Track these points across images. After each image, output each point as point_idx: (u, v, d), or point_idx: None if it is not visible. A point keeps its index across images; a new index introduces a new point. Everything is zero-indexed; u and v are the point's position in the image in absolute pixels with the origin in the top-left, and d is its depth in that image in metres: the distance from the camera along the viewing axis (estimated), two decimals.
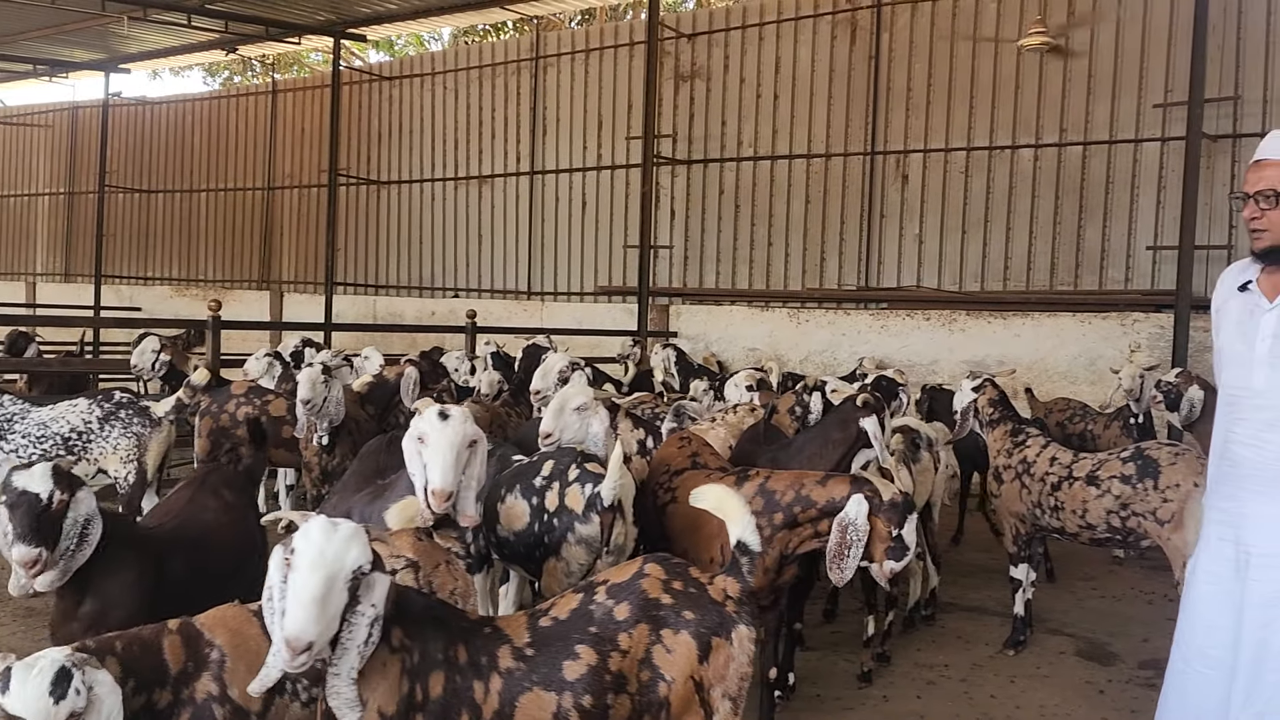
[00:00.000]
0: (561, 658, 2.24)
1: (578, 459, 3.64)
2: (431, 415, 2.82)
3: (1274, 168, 2.59)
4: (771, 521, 3.60)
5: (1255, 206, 2.58)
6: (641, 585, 2.37)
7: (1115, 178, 10.37)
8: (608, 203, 13.76)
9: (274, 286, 17.44)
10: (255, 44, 16.47)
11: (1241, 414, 2.70)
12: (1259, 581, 2.61)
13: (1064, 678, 4.80)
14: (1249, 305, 2.69)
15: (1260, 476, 2.64)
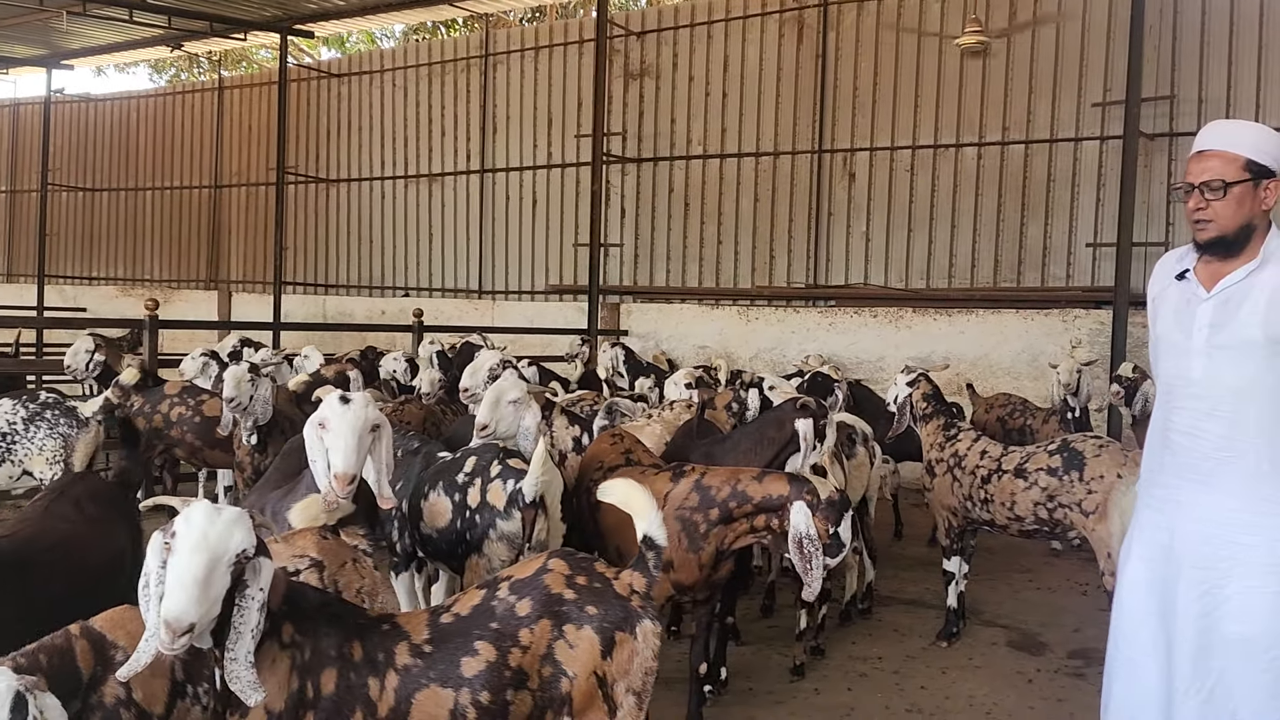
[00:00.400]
0: (460, 654, 2.22)
1: (500, 455, 3.61)
2: (333, 401, 2.80)
3: (1217, 158, 2.56)
4: (708, 517, 3.62)
5: (1200, 197, 2.55)
6: (544, 581, 2.35)
7: (1056, 176, 10.52)
8: (558, 201, 13.72)
9: (222, 286, 17.20)
10: (201, 40, 16.18)
11: (1179, 403, 2.67)
12: (1196, 569, 2.60)
13: (994, 668, 4.86)
14: (1186, 294, 2.67)
15: (1198, 465, 2.61)
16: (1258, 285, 2.55)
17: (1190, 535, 2.62)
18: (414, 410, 5.70)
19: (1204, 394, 2.61)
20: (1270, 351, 2.51)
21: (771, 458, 4.25)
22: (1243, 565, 2.54)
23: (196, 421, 6.07)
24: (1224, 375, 2.57)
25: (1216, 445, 2.58)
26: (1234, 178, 2.54)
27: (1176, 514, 2.66)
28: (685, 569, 3.65)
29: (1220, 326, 2.58)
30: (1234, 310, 2.57)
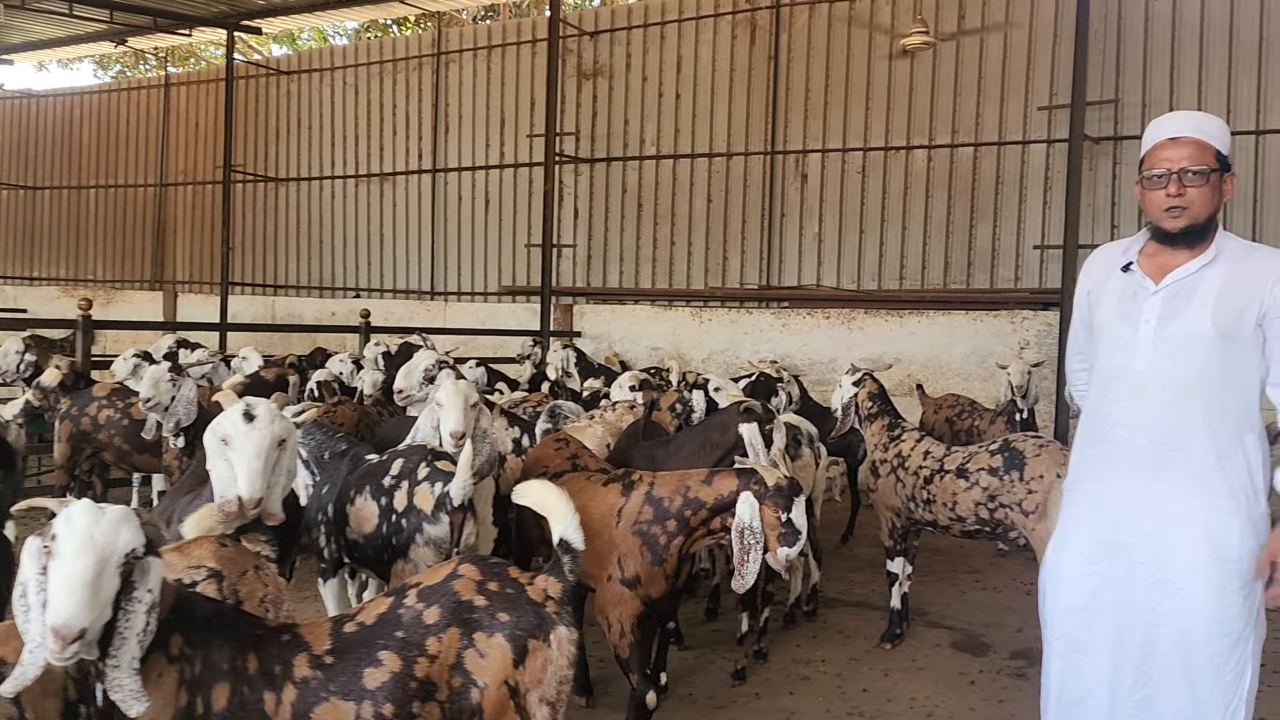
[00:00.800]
0: (363, 665, 2.11)
1: (428, 456, 3.51)
2: (236, 416, 2.66)
3: (1193, 145, 2.52)
4: (666, 529, 3.52)
5: (1179, 184, 2.50)
6: (454, 587, 2.26)
7: (1004, 178, 10.60)
8: (510, 201, 13.59)
9: (167, 287, 16.84)
10: (146, 35, 15.86)
11: (1121, 395, 2.64)
12: (1142, 564, 2.57)
13: (937, 669, 4.83)
14: (1133, 287, 2.64)
15: (1140, 458, 2.58)
16: (1208, 279, 2.53)
17: (1137, 529, 2.59)
18: (347, 412, 5.56)
19: (1149, 386, 2.58)
20: (1218, 346, 2.50)
21: (716, 462, 4.18)
22: (1187, 561, 2.52)
23: (125, 424, 5.88)
24: (1171, 368, 2.55)
25: (1161, 438, 2.56)
26: (1211, 166, 2.54)
27: (1121, 508, 2.62)
28: (653, 583, 3.56)
29: (1169, 320, 2.55)
30: (1183, 304, 2.54)
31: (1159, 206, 2.55)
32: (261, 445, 2.63)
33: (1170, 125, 2.61)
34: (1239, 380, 2.54)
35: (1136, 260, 2.66)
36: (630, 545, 3.54)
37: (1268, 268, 2.51)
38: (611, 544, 3.57)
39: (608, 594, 3.58)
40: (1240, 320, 2.49)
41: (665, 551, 3.52)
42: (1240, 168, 9.65)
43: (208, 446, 2.73)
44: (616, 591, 3.55)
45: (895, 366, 10.28)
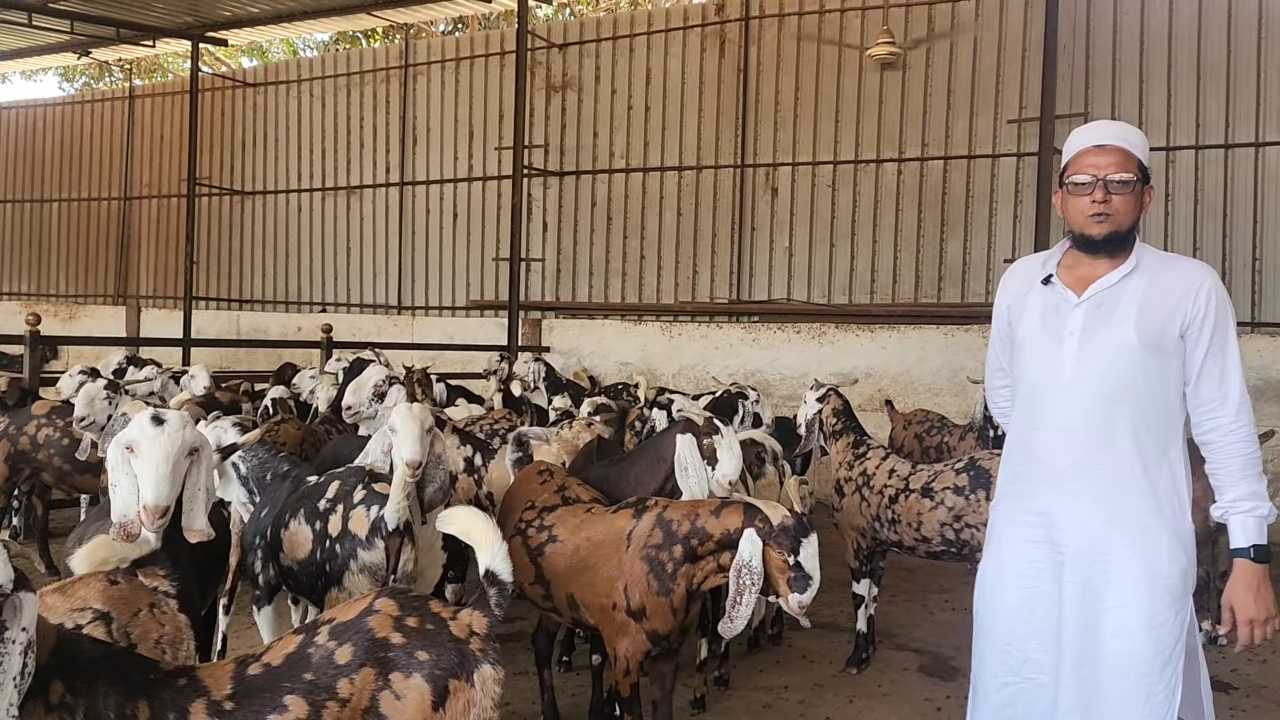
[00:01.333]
0: (266, 712, 1.94)
1: (365, 479, 3.34)
2: (143, 421, 2.49)
3: (1119, 153, 2.51)
4: (673, 555, 3.28)
5: (1103, 191, 2.48)
6: (369, 624, 2.09)
7: (975, 192, 10.55)
8: (479, 215, 13.43)
9: (131, 302, 16.54)
10: (109, 47, 15.64)
11: (1047, 409, 2.59)
12: (1073, 583, 2.51)
13: (904, 695, 4.69)
14: (1055, 299, 2.60)
15: (1068, 473, 2.54)
16: (1129, 290, 2.52)
17: (1068, 547, 2.53)
18: (291, 430, 5.37)
19: (1075, 399, 2.54)
20: (1143, 357, 2.48)
21: (663, 479, 4.01)
22: (1118, 578, 2.47)
23: (65, 444, 5.66)
24: (1097, 380, 2.51)
25: (1088, 452, 2.51)
26: (1135, 175, 2.52)
27: (1052, 526, 2.56)
28: (659, 616, 3.30)
29: (1093, 331, 2.52)
30: (1107, 314, 2.52)
31: (1083, 213, 2.52)
32: (169, 450, 2.47)
33: (1095, 133, 2.59)
34: (1163, 392, 2.52)
35: (1056, 272, 2.62)
36: (637, 572, 3.30)
37: (1189, 279, 2.51)
38: (620, 569, 3.34)
39: (613, 625, 3.36)
40: (1164, 331, 2.48)
41: (672, 581, 3.26)
42: (1209, 182, 9.66)
43: (110, 462, 2.56)
44: (622, 622, 3.32)
45: (866, 381, 10.21)
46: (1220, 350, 2.48)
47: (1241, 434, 2.48)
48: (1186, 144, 9.68)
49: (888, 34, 10.10)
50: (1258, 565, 2.46)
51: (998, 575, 2.69)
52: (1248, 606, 2.45)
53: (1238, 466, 2.48)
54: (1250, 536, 2.46)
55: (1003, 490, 2.77)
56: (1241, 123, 9.51)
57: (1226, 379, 2.49)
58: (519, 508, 3.77)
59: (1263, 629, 2.44)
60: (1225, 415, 2.49)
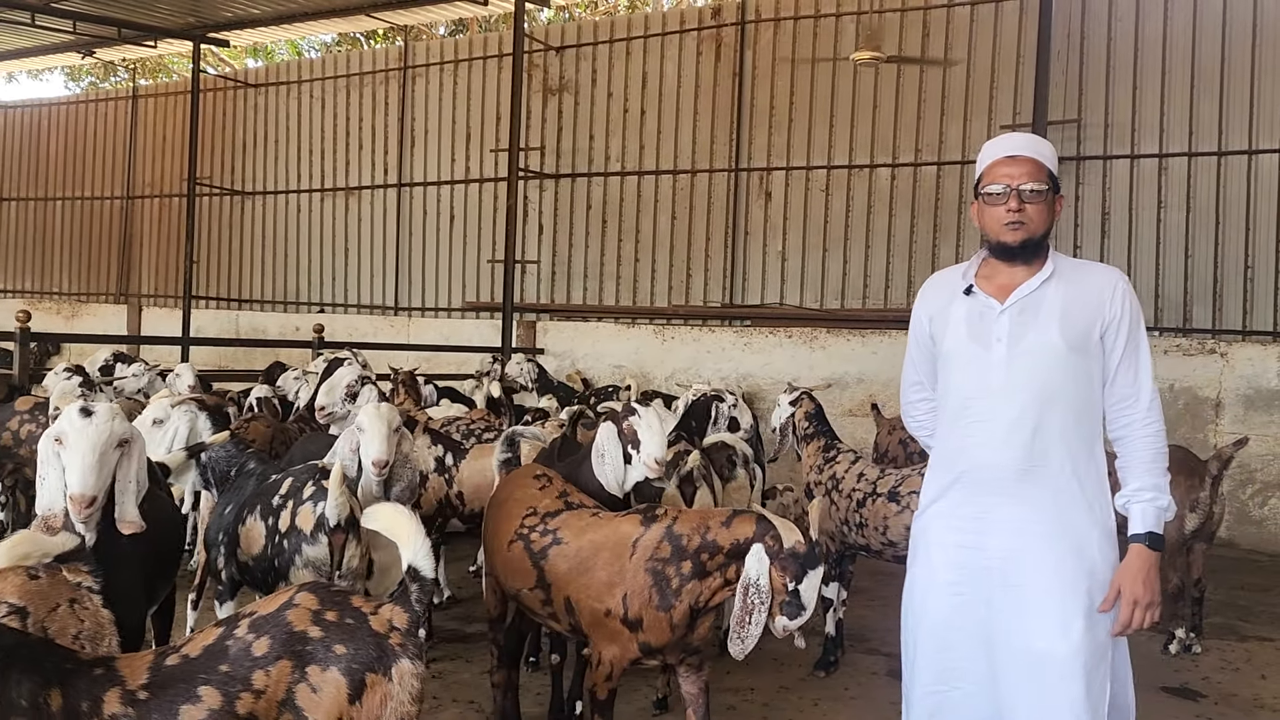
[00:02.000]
0: (180, 702, 1.96)
1: (316, 475, 3.36)
2: (72, 413, 2.53)
3: (1031, 164, 2.58)
4: (680, 570, 3.14)
5: (1017, 200, 2.54)
6: (288, 617, 2.11)
7: (968, 197, 10.51)
8: (476, 217, 13.47)
9: (132, 300, 16.64)
10: (113, 47, 15.74)
11: (978, 417, 2.62)
12: (1014, 586, 2.54)
13: (870, 698, 4.69)
14: (979, 309, 2.64)
15: (1003, 480, 2.57)
16: (1049, 295, 2.58)
17: (1000, 551, 2.57)
18: (260, 428, 5.39)
19: (1006, 405, 2.58)
20: (1069, 359, 2.55)
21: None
22: (1044, 580, 2.52)
23: None
24: (1027, 383, 2.56)
25: (1022, 456, 2.55)
26: (1047, 185, 2.59)
27: (985, 532, 2.59)
28: (654, 629, 3.17)
29: (1020, 336, 2.57)
30: (1031, 319, 2.57)
31: (999, 221, 2.58)
32: (97, 441, 2.50)
33: (1007, 144, 2.67)
34: (1088, 392, 2.60)
35: (975, 282, 2.67)
36: (640, 583, 3.18)
37: (1103, 282, 2.60)
38: (620, 576, 3.21)
39: (604, 631, 3.25)
40: (1087, 335, 2.56)
41: (675, 597, 3.14)
42: (1202, 189, 9.63)
43: (40, 454, 2.59)
44: (614, 629, 3.22)
45: (858, 386, 10.23)
46: (1134, 349, 2.58)
47: (1151, 429, 2.58)
48: (1179, 151, 9.66)
49: (871, 40, 10.12)
50: (1152, 552, 2.53)
51: (929, 584, 2.70)
52: (1135, 588, 2.50)
53: (1146, 459, 2.57)
54: (1148, 524, 2.54)
55: (932, 500, 2.76)
56: (1235, 130, 9.48)
57: (1139, 376, 2.59)
58: (518, 514, 3.62)
59: (1144, 612, 2.50)
60: (1138, 411, 2.58)
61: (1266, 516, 8.62)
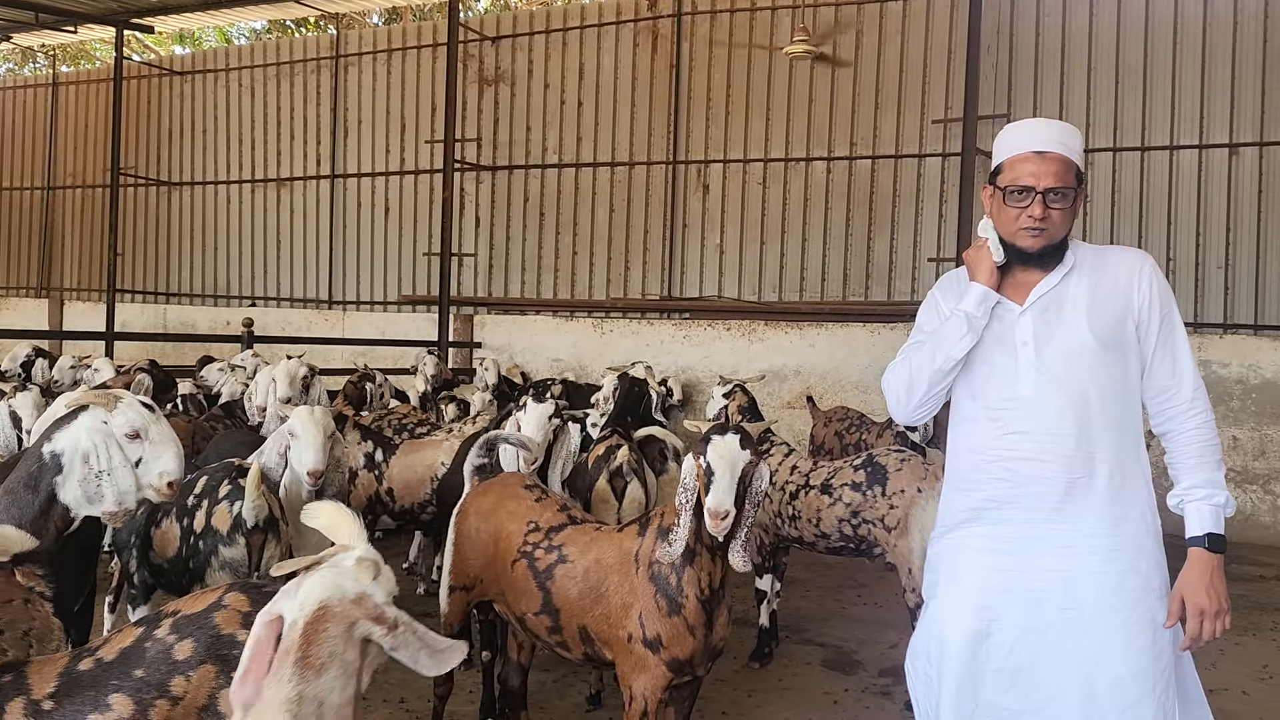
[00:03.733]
0: (88, 710, 1.85)
1: (232, 473, 3.26)
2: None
3: (1059, 162, 2.32)
4: (674, 564, 2.96)
5: (1042, 205, 2.30)
6: (215, 619, 2.00)
7: (901, 191, 10.66)
8: (411, 209, 13.29)
9: (54, 294, 16.11)
10: (31, 32, 15.17)
11: (1012, 429, 2.38)
12: (1066, 610, 2.33)
13: (803, 689, 4.71)
14: (997, 312, 2.41)
15: (1048, 494, 2.34)
16: (1072, 289, 2.38)
17: (1047, 574, 2.34)
18: (181, 424, 5.24)
19: (1040, 413, 2.35)
20: (1102, 357, 2.34)
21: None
22: (1115, 596, 2.31)
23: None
24: (1060, 388, 2.34)
25: (1067, 467, 2.33)
26: (1074, 185, 2.35)
27: (1029, 553, 2.36)
28: (677, 640, 2.93)
29: (1046, 338, 2.36)
30: (1055, 318, 2.37)
31: (1017, 224, 2.35)
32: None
33: (1037, 136, 2.40)
34: (1125, 389, 2.38)
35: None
36: (648, 594, 2.97)
37: (1129, 267, 2.39)
38: (633, 594, 3.01)
39: (630, 660, 3.01)
40: (1118, 327, 2.35)
41: (680, 595, 2.92)
42: (1126, 184, 9.85)
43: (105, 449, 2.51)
44: (640, 655, 2.97)
45: (795, 378, 10.29)
46: (1169, 336, 2.38)
47: (1198, 420, 2.36)
48: (1104, 146, 9.87)
49: (804, 31, 10.19)
50: (1213, 555, 2.31)
51: (957, 612, 2.44)
52: (1200, 598, 2.28)
53: (1195, 453, 2.35)
54: (1206, 525, 2.32)
55: (959, 522, 2.51)
56: (1157, 126, 9.72)
57: (1178, 364, 2.38)
58: (522, 529, 3.35)
59: (1213, 623, 2.29)
60: (1180, 402, 2.38)
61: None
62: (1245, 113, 9.46)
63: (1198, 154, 9.59)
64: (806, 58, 10.50)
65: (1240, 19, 9.44)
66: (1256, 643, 5.63)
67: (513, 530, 3.37)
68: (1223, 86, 9.51)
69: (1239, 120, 9.48)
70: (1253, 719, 4.48)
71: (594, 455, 4.63)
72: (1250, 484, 8.65)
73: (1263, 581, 7.19)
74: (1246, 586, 6.94)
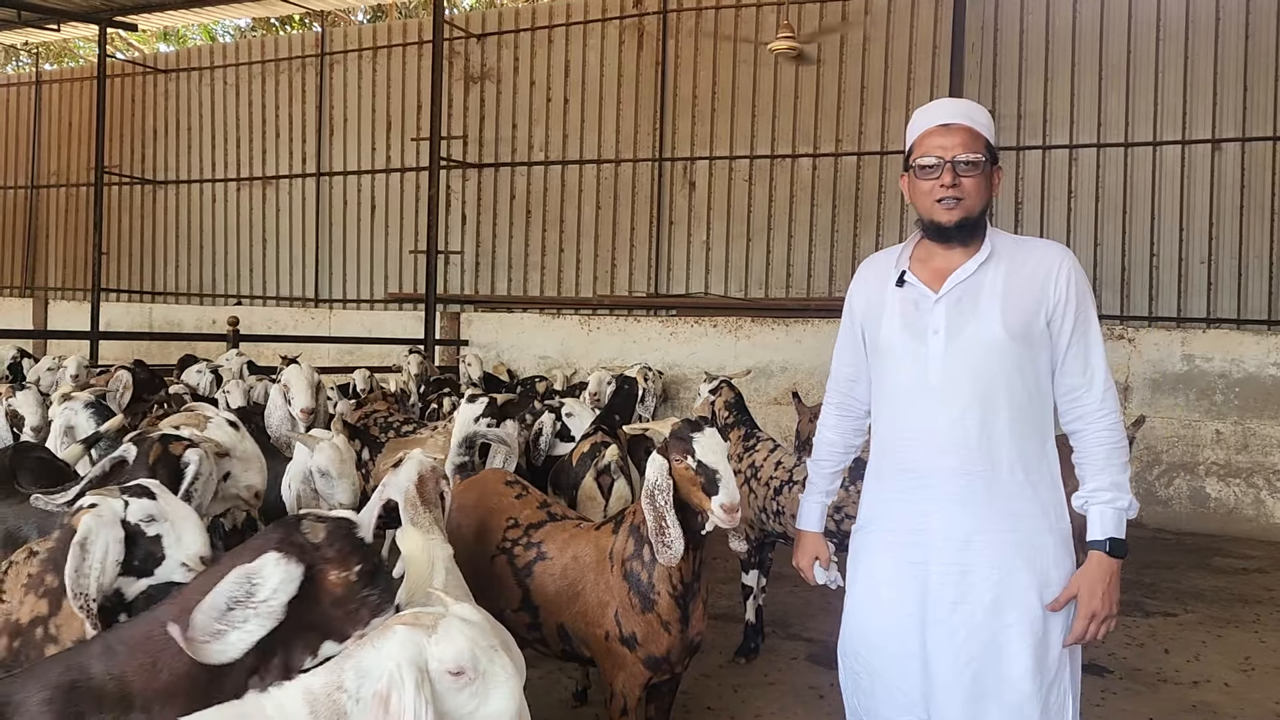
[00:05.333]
0: None
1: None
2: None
3: (965, 133, 2.34)
4: (643, 560, 2.96)
5: (951, 173, 2.31)
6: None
7: (886, 188, 10.70)
8: (397, 207, 13.26)
9: (38, 293, 16.03)
10: (13, 30, 15.09)
11: (915, 416, 2.40)
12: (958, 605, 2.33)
13: (788, 683, 4.73)
14: (913, 298, 2.42)
15: (945, 485, 2.36)
16: (989, 279, 2.36)
17: (949, 567, 2.34)
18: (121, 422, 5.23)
19: (945, 402, 2.35)
20: (1013, 350, 2.32)
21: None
22: (1009, 593, 2.31)
23: None
24: (968, 379, 2.34)
25: (966, 459, 2.33)
26: (983, 155, 2.35)
27: (928, 546, 2.37)
28: (653, 638, 2.94)
29: (958, 328, 2.36)
30: (969, 308, 2.36)
31: (931, 197, 2.36)
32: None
33: (940, 112, 2.41)
34: (1036, 385, 2.37)
35: (909, 267, 2.46)
36: (622, 592, 2.97)
37: (1047, 262, 2.38)
38: (610, 592, 3.01)
39: (609, 657, 3.03)
40: (1031, 322, 2.33)
41: (652, 591, 2.92)
42: (1110, 179, 9.90)
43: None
44: (618, 653, 2.99)
45: (782, 374, 10.31)
46: (1083, 335, 2.37)
47: (1106, 421, 2.36)
48: (1089, 142, 9.92)
49: (788, 28, 10.22)
50: (1112, 559, 2.31)
51: (872, 606, 2.49)
52: (1094, 601, 2.29)
53: (1102, 455, 2.36)
54: (1108, 529, 2.32)
55: (869, 516, 2.58)
56: (1140, 122, 9.77)
57: (1090, 364, 2.37)
58: (501, 526, 3.35)
59: (1099, 625, 2.30)
60: (1091, 402, 2.38)
61: (1172, 496, 8.91)
62: (1227, 109, 9.53)
63: (1181, 150, 9.65)
64: (791, 54, 10.53)
65: (1222, 16, 9.50)
66: (1239, 634, 5.69)
67: (492, 526, 3.38)
68: (1205, 83, 9.57)
69: (1221, 116, 9.54)
70: (1234, 710, 4.53)
71: (579, 452, 4.66)
72: (1233, 477, 8.71)
73: (1245, 574, 7.25)
74: (1229, 579, 7.01)
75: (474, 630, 1.82)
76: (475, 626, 1.83)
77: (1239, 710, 4.53)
